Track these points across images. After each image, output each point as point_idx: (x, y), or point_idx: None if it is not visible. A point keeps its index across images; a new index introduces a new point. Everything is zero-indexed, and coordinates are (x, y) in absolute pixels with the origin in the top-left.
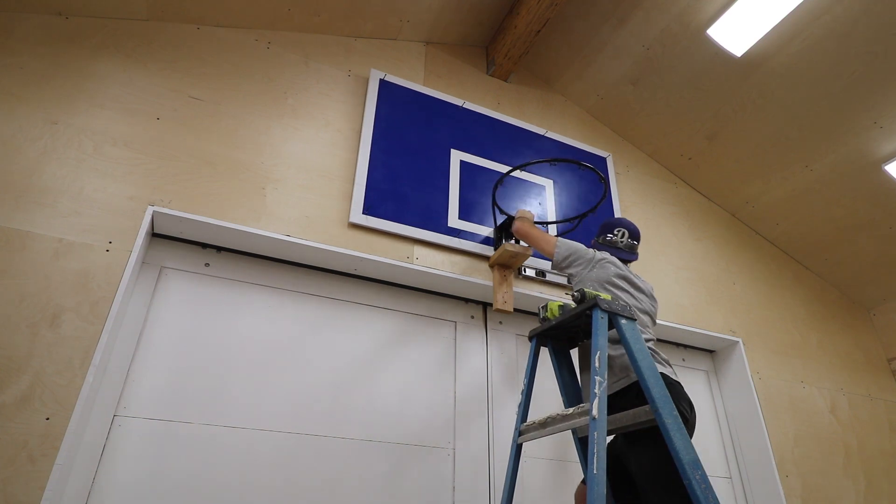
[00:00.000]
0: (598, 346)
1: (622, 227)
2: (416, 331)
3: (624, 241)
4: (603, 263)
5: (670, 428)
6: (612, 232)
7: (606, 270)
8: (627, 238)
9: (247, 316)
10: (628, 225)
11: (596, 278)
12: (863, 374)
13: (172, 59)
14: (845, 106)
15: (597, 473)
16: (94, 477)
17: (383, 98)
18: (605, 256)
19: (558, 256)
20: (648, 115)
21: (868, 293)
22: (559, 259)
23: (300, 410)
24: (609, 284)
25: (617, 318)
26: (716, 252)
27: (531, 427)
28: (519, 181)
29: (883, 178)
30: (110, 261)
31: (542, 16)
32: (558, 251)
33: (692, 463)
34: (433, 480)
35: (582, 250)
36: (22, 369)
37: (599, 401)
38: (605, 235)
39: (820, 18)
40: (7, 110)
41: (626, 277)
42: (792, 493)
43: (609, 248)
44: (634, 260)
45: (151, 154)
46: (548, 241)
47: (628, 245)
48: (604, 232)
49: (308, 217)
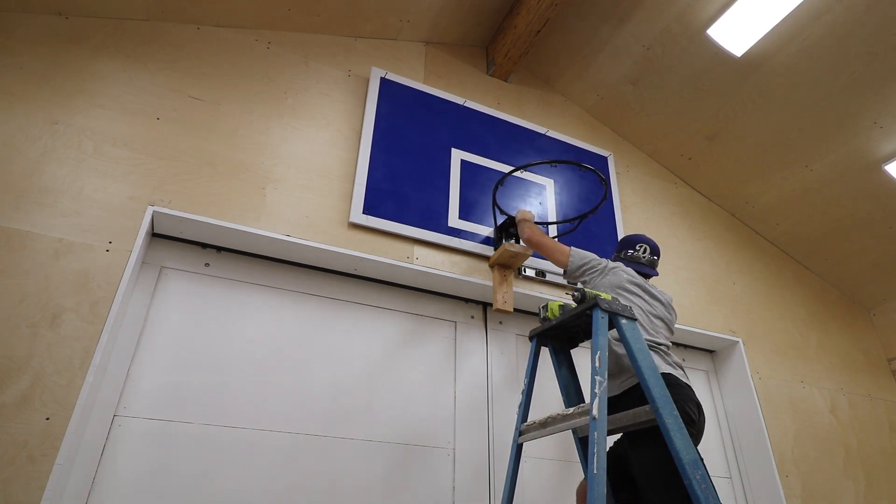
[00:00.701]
0: (598, 346)
1: (644, 244)
2: (416, 331)
3: (646, 256)
4: (616, 271)
5: (670, 428)
6: (633, 248)
7: (619, 276)
8: (649, 254)
9: (247, 316)
10: (649, 241)
11: (609, 284)
12: (863, 374)
13: (172, 59)
14: (845, 106)
15: (597, 473)
16: (94, 477)
17: (384, 97)
18: (618, 265)
19: (572, 266)
20: (648, 115)
21: (868, 293)
22: (573, 268)
23: (300, 410)
24: (621, 290)
25: (617, 318)
26: (716, 252)
27: (531, 427)
28: (519, 181)
29: (883, 177)
30: (110, 261)
31: (542, 16)
32: (572, 261)
33: (692, 463)
34: (433, 480)
35: (595, 259)
36: (22, 369)
37: (599, 400)
38: (626, 251)
39: (820, 18)
40: (7, 110)
41: (640, 284)
42: (792, 493)
43: (632, 263)
44: (655, 276)
45: (151, 154)
46: (561, 251)
47: (650, 261)
48: (625, 248)
49: (308, 217)
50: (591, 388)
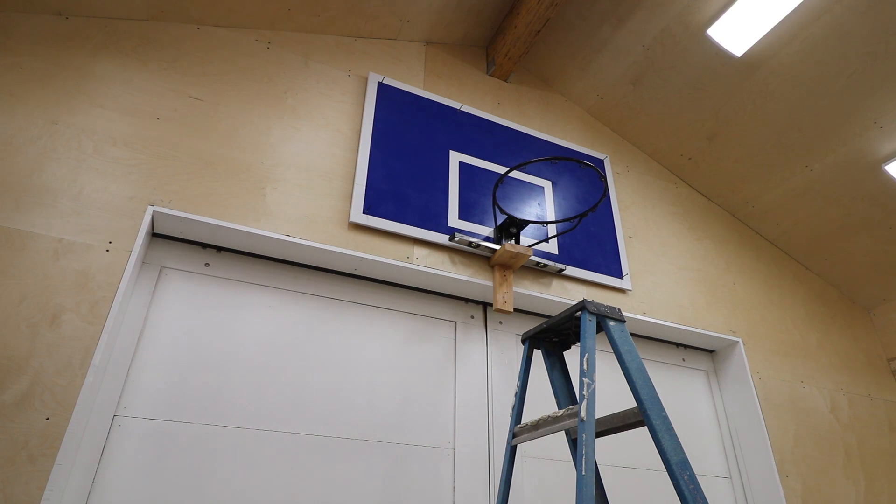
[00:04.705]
0: (587, 349)
1: None
2: (416, 331)
3: None
4: None
5: (658, 429)
6: None
7: None
8: None
9: (247, 316)
10: None
11: None
12: (863, 374)
13: (172, 59)
14: (845, 106)
15: (585, 475)
16: (94, 477)
17: (382, 101)
18: None
19: None
20: (648, 115)
21: (868, 293)
22: None
23: (300, 410)
24: None
25: (605, 321)
26: (716, 252)
27: (524, 429)
28: (519, 182)
29: (883, 178)
30: (110, 261)
31: (542, 16)
32: None
33: (680, 464)
34: (433, 480)
35: None
36: (22, 369)
37: (588, 402)
38: None
39: (820, 18)
40: (7, 110)
41: None
42: (792, 493)
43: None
44: None
45: (151, 154)
46: None
47: None
48: None
49: (308, 217)
50: (579, 390)
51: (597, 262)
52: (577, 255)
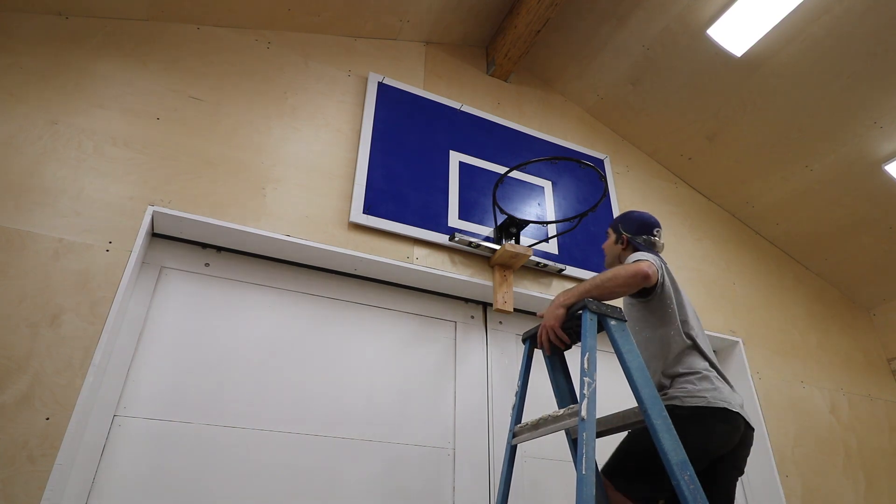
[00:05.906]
0: (587, 348)
1: (659, 228)
2: (416, 331)
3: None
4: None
5: (658, 429)
6: (652, 233)
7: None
8: (662, 241)
9: (247, 316)
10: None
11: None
12: (863, 374)
13: (172, 59)
14: (845, 106)
15: (585, 475)
16: (94, 477)
17: (382, 101)
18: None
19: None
20: (648, 115)
21: (868, 293)
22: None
23: (300, 410)
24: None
25: (606, 320)
26: (716, 252)
27: (525, 429)
28: (519, 182)
29: (883, 178)
30: (110, 261)
31: (542, 16)
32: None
33: (681, 464)
34: (433, 480)
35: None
36: (22, 369)
37: (589, 402)
38: (644, 235)
39: (820, 18)
40: (7, 110)
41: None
42: (792, 493)
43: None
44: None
45: (151, 154)
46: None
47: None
48: (642, 231)
49: (308, 217)
50: (580, 389)
51: (597, 262)
52: (577, 255)
